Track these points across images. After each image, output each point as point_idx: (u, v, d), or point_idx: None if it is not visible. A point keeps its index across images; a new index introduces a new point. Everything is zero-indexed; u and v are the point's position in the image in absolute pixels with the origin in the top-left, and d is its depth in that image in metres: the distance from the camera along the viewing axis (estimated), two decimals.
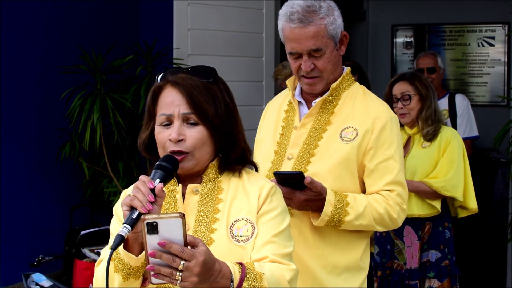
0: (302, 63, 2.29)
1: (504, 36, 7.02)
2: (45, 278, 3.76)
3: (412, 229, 3.43)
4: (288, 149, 2.35)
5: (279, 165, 2.35)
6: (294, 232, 2.23)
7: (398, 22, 7.59)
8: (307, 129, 2.35)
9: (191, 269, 1.41)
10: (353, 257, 2.32)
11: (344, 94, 2.36)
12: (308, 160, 2.31)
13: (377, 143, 2.26)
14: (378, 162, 2.26)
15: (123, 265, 1.55)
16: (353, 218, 2.21)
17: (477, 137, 4.82)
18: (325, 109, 2.35)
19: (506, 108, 5.55)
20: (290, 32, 2.27)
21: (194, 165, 1.69)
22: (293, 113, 2.41)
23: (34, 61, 4.68)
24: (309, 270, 2.25)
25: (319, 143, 2.31)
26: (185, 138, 1.66)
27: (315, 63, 2.29)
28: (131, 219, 1.48)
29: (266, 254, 1.64)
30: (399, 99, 3.48)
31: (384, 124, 2.28)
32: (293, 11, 2.25)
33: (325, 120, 2.34)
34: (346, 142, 2.28)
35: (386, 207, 2.24)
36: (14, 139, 4.55)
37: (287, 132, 2.39)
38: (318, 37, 2.25)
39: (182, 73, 1.71)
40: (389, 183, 2.26)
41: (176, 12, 4.71)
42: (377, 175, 2.27)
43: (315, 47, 2.26)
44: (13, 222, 4.54)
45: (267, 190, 1.72)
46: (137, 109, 4.54)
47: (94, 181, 4.78)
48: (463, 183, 3.38)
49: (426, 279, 3.43)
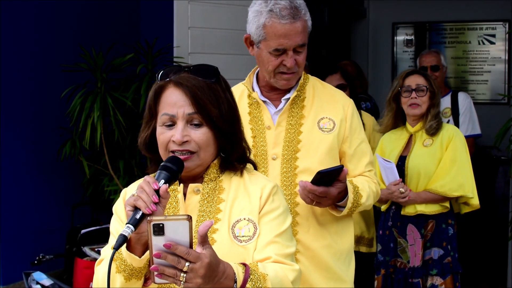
0: (287, 59, 2.31)
1: (505, 34, 7.02)
2: (46, 277, 3.76)
3: (415, 227, 3.43)
4: (269, 149, 2.37)
5: (265, 167, 2.36)
6: (303, 228, 2.34)
7: (398, 20, 7.59)
8: (283, 126, 2.38)
9: (196, 271, 1.40)
10: (349, 240, 2.46)
11: (307, 87, 2.44)
12: (295, 156, 2.35)
13: (351, 129, 2.42)
14: (355, 147, 2.43)
15: (126, 265, 1.54)
16: (365, 200, 2.35)
17: (479, 135, 4.81)
18: (295, 104, 2.41)
19: (507, 106, 5.55)
20: (281, 28, 2.27)
21: (197, 166, 1.68)
22: (259, 113, 2.42)
23: (34, 60, 4.68)
24: (323, 261, 2.35)
25: (300, 138, 2.36)
26: (190, 139, 1.65)
27: (297, 58, 2.33)
28: (134, 219, 1.47)
29: (269, 254, 1.63)
30: (413, 89, 3.48)
31: (352, 111, 2.44)
32: (281, 7, 2.27)
33: (299, 114, 2.39)
34: (327, 132, 2.37)
35: (375, 186, 2.45)
36: (14, 137, 4.55)
37: (260, 133, 2.39)
38: (304, 32, 2.32)
39: (184, 72, 1.69)
40: (367, 164, 2.46)
41: (177, 10, 4.70)
42: (357, 158, 2.44)
43: (302, 42, 2.31)
44: (14, 220, 4.54)
45: (269, 190, 1.71)
46: (138, 108, 4.53)
47: (94, 180, 4.78)
48: (469, 179, 3.38)
49: (429, 276, 3.43)
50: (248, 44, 2.41)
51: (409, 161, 3.44)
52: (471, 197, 3.38)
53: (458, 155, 3.39)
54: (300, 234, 2.33)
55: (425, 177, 3.40)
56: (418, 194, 3.37)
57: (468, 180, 3.39)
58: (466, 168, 3.40)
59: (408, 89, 3.50)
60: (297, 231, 2.33)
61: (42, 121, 4.71)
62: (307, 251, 2.33)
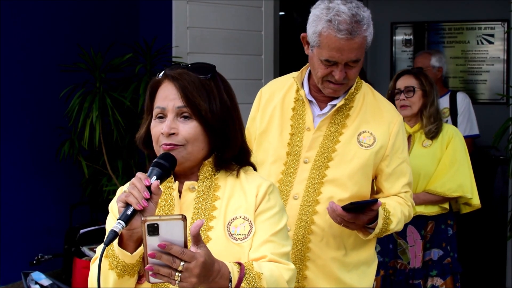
0: (336, 71, 2.23)
1: (504, 34, 7.01)
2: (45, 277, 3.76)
3: (415, 229, 3.42)
4: (303, 152, 2.32)
5: (295, 168, 2.32)
6: (317, 238, 2.29)
7: (397, 20, 7.59)
8: (322, 131, 2.32)
9: (190, 270, 1.40)
10: (368, 251, 2.42)
11: (357, 96, 2.37)
12: (326, 164, 2.29)
13: (393, 148, 2.34)
14: (395, 166, 2.35)
15: (118, 262, 1.54)
16: (394, 226, 2.30)
17: (477, 136, 4.82)
18: (340, 111, 2.33)
19: (506, 105, 5.55)
20: (335, 41, 2.18)
21: (185, 159, 1.67)
22: (303, 112, 2.36)
23: (33, 60, 4.68)
24: (333, 272, 2.31)
25: (336, 147, 2.30)
26: (177, 132, 1.65)
27: (348, 72, 2.25)
28: (125, 215, 1.47)
29: (265, 253, 1.63)
30: (402, 91, 3.48)
31: (398, 129, 2.35)
32: (340, 20, 2.16)
33: (341, 123, 2.33)
34: (364, 148, 2.30)
35: (408, 209, 2.38)
36: (13, 137, 4.55)
37: (298, 133, 2.34)
38: (360, 49, 2.22)
39: (181, 69, 1.71)
40: (405, 185, 2.38)
41: (175, 10, 4.71)
42: (394, 178, 2.36)
43: (355, 58, 2.22)
44: (12, 220, 4.54)
45: (265, 189, 1.71)
46: (136, 108, 4.54)
47: (93, 180, 4.78)
48: (469, 179, 3.38)
49: (429, 277, 3.43)
50: (304, 43, 2.34)
51: None
52: (470, 198, 3.38)
53: (458, 155, 3.39)
54: (312, 243, 2.29)
55: (424, 178, 3.40)
56: (417, 196, 3.37)
57: (468, 181, 3.38)
58: (465, 168, 3.40)
59: (398, 91, 3.51)
60: (310, 239, 2.29)
61: (40, 121, 4.71)
62: (317, 259, 2.29)
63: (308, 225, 2.28)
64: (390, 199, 2.35)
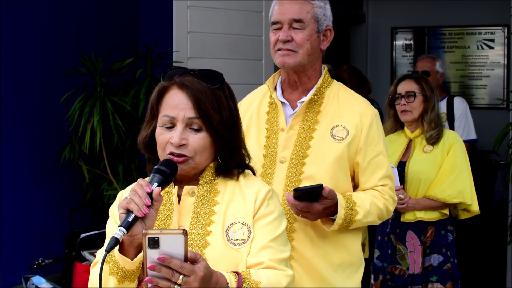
0: (281, 33, 2.33)
1: (504, 39, 7.02)
2: (45, 281, 3.77)
3: (415, 234, 3.42)
4: (279, 152, 2.36)
5: (272, 169, 2.35)
6: (300, 235, 2.30)
7: (397, 25, 7.60)
8: (295, 130, 2.36)
9: (189, 284, 1.42)
10: (355, 251, 2.40)
11: (326, 92, 2.41)
12: (302, 161, 2.32)
13: (367, 140, 2.35)
14: (369, 159, 2.35)
15: (118, 268, 1.54)
16: (362, 217, 2.29)
17: (474, 140, 4.83)
18: (311, 108, 2.38)
19: (506, 110, 5.55)
20: (278, 5, 2.36)
21: (191, 169, 1.68)
22: (276, 114, 2.41)
23: (34, 64, 4.68)
24: (317, 271, 2.31)
25: (310, 143, 2.34)
26: (187, 143, 1.65)
27: (293, 35, 2.33)
28: (126, 222, 1.48)
29: (263, 259, 1.63)
30: (403, 96, 3.48)
31: (371, 121, 2.36)
32: None
33: (313, 119, 2.37)
34: (338, 141, 2.33)
35: (384, 202, 2.35)
36: (14, 141, 4.56)
37: (273, 134, 2.39)
38: (302, 11, 2.33)
39: (189, 75, 1.69)
40: (382, 178, 2.37)
41: (176, 15, 4.71)
42: (370, 171, 2.36)
43: (297, 17, 2.32)
44: (13, 224, 4.54)
45: (264, 194, 1.71)
46: (137, 112, 4.54)
47: (94, 184, 4.78)
48: (469, 186, 3.38)
49: (429, 283, 3.42)
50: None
51: (409, 166, 3.43)
52: (470, 204, 3.38)
53: (459, 161, 3.39)
54: (296, 241, 2.30)
55: (425, 184, 3.40)
56: (417, 201, 3.36)
57: (468, 187, 3.38)
58: (466, 175, 3.40)
59: (399, 96, 3.51)
60: (293, 238, 2.31)
61: (41, 125, 4.72)
62: (301, 259, 2.30)
63: (290, 223, 2.30)
64: (361, 192, 2.37)
